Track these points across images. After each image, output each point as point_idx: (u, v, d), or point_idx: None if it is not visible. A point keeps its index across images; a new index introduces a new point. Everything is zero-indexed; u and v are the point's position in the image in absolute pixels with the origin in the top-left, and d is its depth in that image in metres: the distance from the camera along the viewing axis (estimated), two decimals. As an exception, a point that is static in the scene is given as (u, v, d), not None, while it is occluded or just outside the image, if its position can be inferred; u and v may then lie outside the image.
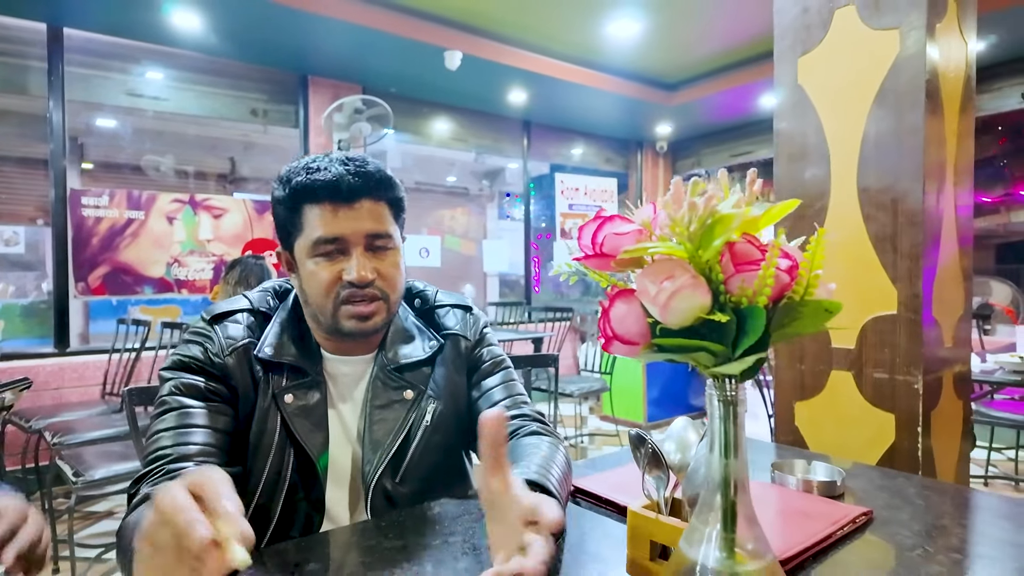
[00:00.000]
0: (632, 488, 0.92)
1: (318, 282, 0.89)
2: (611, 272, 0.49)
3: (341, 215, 0.87)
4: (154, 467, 0.78)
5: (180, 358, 0.89)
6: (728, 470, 0.48)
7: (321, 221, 0.88)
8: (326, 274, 0.88)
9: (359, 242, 0.89)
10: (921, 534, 0.81)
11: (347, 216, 0.88)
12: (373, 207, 0.90)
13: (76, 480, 2.11)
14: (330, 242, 0.88)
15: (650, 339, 0.45)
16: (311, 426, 0.90)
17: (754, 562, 0.47)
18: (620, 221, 0.47)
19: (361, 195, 0.88)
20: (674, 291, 0.42)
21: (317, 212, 0.88)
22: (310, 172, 0.88)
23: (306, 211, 0.89)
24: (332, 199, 0.87)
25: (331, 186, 0.86)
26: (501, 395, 1.00)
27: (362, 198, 0.88)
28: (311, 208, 0.88)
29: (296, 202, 0.89)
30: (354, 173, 0.87)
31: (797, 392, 1.52)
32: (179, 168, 6.96)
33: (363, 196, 0.88)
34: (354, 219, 0.88)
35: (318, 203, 0.88)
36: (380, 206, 0.91)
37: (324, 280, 0.88)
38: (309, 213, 0.88)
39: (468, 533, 0.81)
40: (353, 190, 0.87)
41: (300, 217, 0.89)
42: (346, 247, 0.89)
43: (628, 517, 0.62)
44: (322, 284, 0.88)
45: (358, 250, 0.88)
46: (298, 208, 0.89)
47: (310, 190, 0.87)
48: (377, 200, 0.90)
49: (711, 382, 0.49)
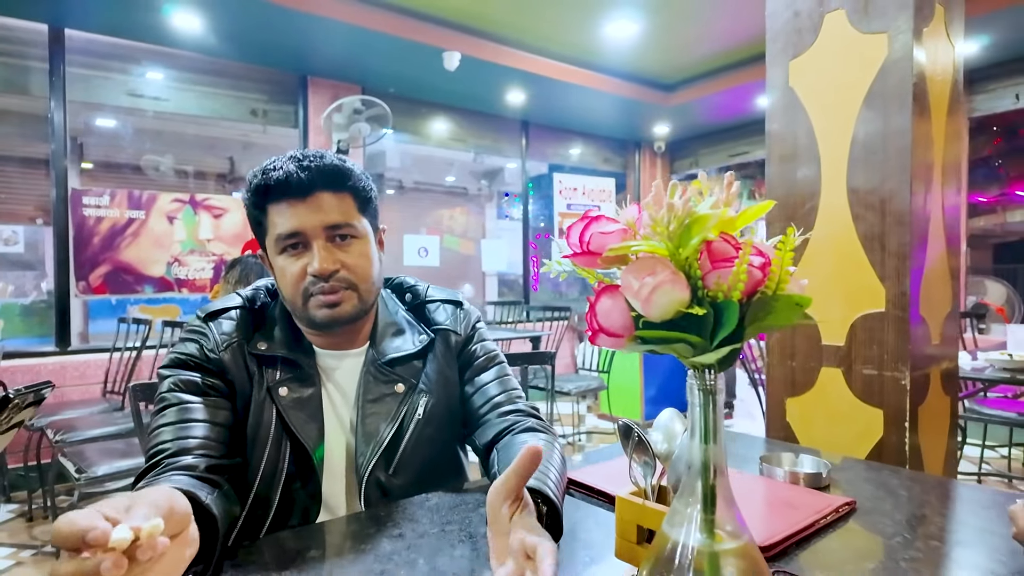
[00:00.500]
0: (622, 479, 0.95)
1: (287, 277, 0.92)
2: (598, 269, 0.52)
3: (298, 210, 0.90)
4: (155, 461, 0.80)
5: (177, 356, 0.92)
6: (708, 455, 0.51)
7: (280, 218, 0.91)
8: (293, 268, 0.92)
9: (319, 235, 0.91)
10: (902, 523, 0.84)
11: (304, 210, 0.90)
12: (331, 199, 0.92)
13: (79, 477, 2.14)
14: (290, 236, 0.91)
15: (633, 332, 0.48)
16: (306, 418, 0.93)
17: (732, 541, 0.50)
18: (606, 221, 0.49)
19: (314, 188, 0.91)
20: (655, 286, 0.45)
21: (276, 209, 0.92)
22: (265, 172, 0.91)
23: (269, 210, 0.92)
24: (287, 196, 0.90)
25: (282, 184, 0.90)
26: (496, 390, 1.03)
27: (316, 191, 0.91)
28: (272, 207, 0.92)
29: (258, 203, 0.93)
30: (304, 168, 0.90)
31: (788, 389, 1.55)
32: (178, 168, 6.98)
33: (317, 189, 0.91)
34: (311, 212, 0.91)
35: (275, 201, 0.91)
36: (340, 197, 0.93)
37: (292, 275, 0.92)
38: (272, 212, 0.92)
39: (464, 522, 0.84)
40: (303, 185, 0.90)
41: (265, 217, 0.93)
42: (307, 240, 0.91)
43: (616, 504, 0.65)
44: (290, 279, 0.92)
45: (319, 242, 0.91)
46: (262, 208, 0.93)
47: (264, 189, 0.91)
48: (336, 192, 0.93)
49: (691, 372, 0.51)
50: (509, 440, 0.94)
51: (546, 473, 0.80)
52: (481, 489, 0.98)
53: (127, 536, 0.45)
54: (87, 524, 0.46)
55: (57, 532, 0.47)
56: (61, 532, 0.47)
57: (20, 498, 3.19)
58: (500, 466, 0.87)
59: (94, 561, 0.45)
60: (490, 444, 0.97)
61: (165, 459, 0.81)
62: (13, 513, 3.03)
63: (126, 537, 0.45)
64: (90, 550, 0.46)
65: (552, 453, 0.88)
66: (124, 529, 0.45)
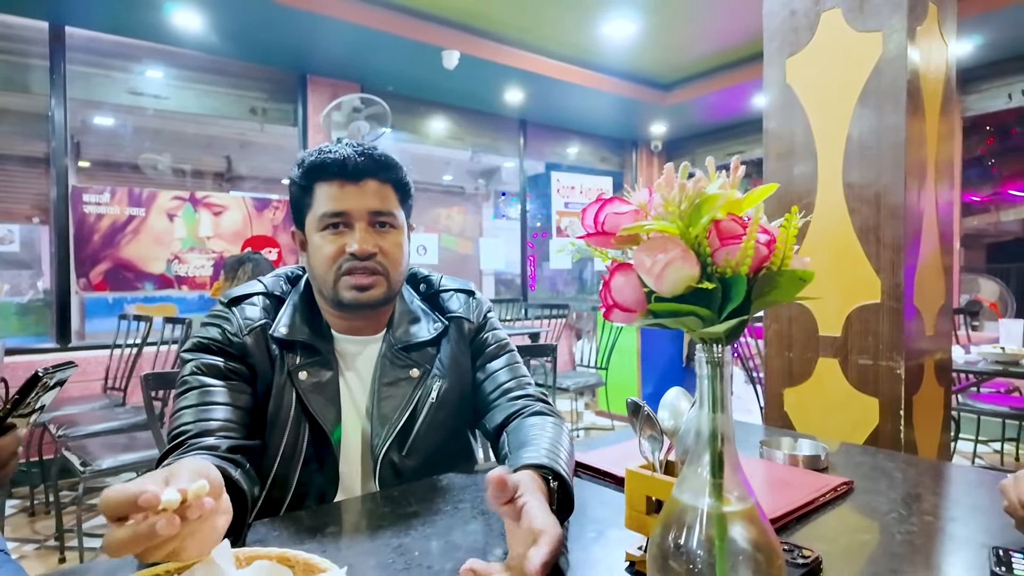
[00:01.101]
0: (626, 460, 0.98)
1: (323, 254, 0.96)
2: (611, 249, 0.55)
3: (347, 192, 0.95)
4: (179, 441, 0.83)
5: (200, 340, 0.94)
6: (716, 423, 0.54)
7: (329, 197, 0.96)
8: (331, 247, 0.96)
9: (363, 218, 0.96)
10: (897, 501, 0.87)
11: (353, 193, 0.96)
12: (378, 187, 0.97)
13: (84, 470, 2.16)
14: (336, 215, 0.95)
15: (646, 307, 0.51)
16: (324, 401, 0.96)
17: (739, 504, 0.53)
18: (619, 202, 0.52)
19: (366, 175, 0.96)
20: (667, 262, 0.48)
21: (326, 189, 0.96)
22: (322, 152, 0.96)
23: (316, 189, 0.97)
24: (340, 176, 0.95)
25: (339, 164, 0.95)
26: (506, 376, 1.06)
27: (367, 178, 0.96)
28: (321, 186, 0.96)
29: (308, 180, 0.97)
30: (361, 154, 0.96)
31: (786, 379, 1.59)
32: (176, 167, 6.98)
33: (368, 176, 0.96)
34: (359, 196, 0.96)
35: (327, 180, 0.96)
36: (385, 188, 0.98)
37: (329, 252, 0.95)
38: (319, 190, 0.97)
39: (476, 501, 0.87)
40: (359, 170, 0.95)
41: (311, 195, 0.97)
42: (350, 222, 0.96)
43: (626, 476, 0.68)
44: (327, 256, 0.96)
45: (361, 225, 0.96)
46: (310, 186, 0.97)
47: (321, 167, 0.96)
48: (382, 181, 0.98)
49: (700, 346, 0.55)
50: (518, 423, 0.97)
51: (556, 452, 0.83)
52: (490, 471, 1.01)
53: (176, 497, 0.48)
54: (137, 489, 0.49)
55: (107, 500, 0.50)
56: (111, 499, 0.49)
57: (22, 493, 3.20)
58: (510, 447, 0.90)
59: (148, 523, 0.48)
60: (500, 427, 1.00)
61: (188, 440, 0.84)
62: (15, 508, 3.05)
63: (175, 499, 0.48)
64: (140, 513, 0.49)
65: (561, 436, 0.91)
66: (172, 491, 0.48)
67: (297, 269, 1.10)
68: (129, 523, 0.49)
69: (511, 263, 6.29)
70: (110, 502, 0.49)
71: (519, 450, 0.85)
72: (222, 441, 0.84)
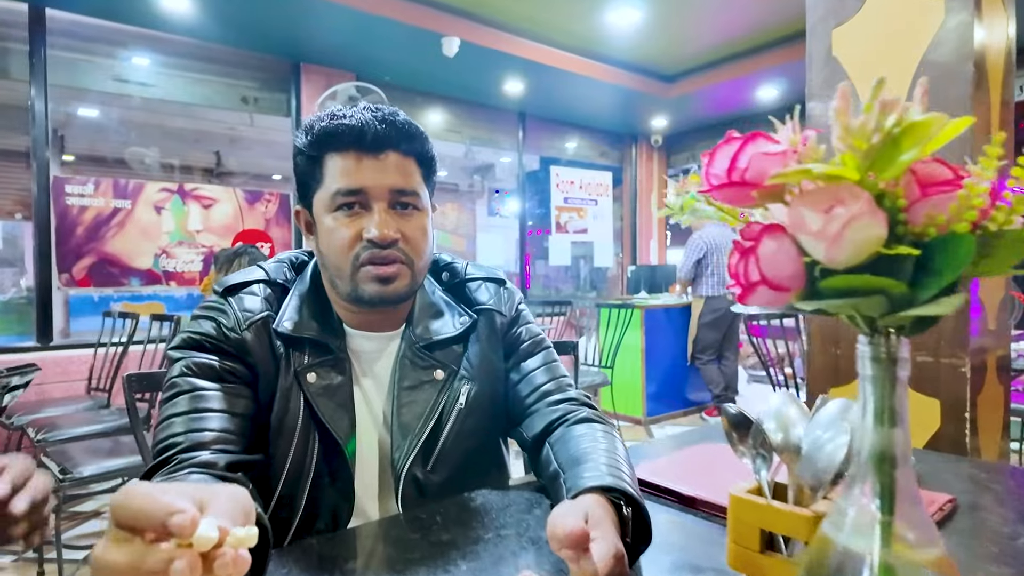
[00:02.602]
0: (690, 475, 0.85)
1: (336, 240, 0.81)
2: (744, 207, 0.42)
3: (365, 165, 0.80)
4: (165, 456, 0.69)
5: (191, 335, 0.80)
6: (887, 441, 0.41)
7: (343, 171, 0.80)
8: (345, 231, 0.80)
9: (383, 197, 0.81)
10: (1011, 520, 0.74)
11: (371, 167, 0.80)
12: (401, 161, 0.82)
13: (63, 478, 2.00)
14: (351, 194, 0.80)
15: (803, 284, 0.38)
16: (336, 407, 0.82)
17: (920, 550, 0.39)
18: (766, 140, 0.39)
19: (387, 146, 0.81)
20: (849, 220, 0.34)
21: (339, 161, 0.80)
22: (335, 117, 0.80)
23: (327, 161, 0.81)
24: (356, 147, 0.80)
25: (356, 132, 0.79)
26: (544, 377, 0.92)
27: (388, 149, 0.81)
28: (333, 157, 0.81)
29: (318, 150, 0.81)
30: (382, 120, 0.80)
31: (831, 378, 1.46)
32: (164, 161, 6.80)
33: (390, 147, 0.81)
34: (379, 171, 0.80)
35: (340, 151, 0.80)
36: (408, 162, 0.83)
37: (343, 238, 0.80)
38: (330, 163, 0.81)
39: (522, 526, 0.73)
40: (379, 139, 0.80)
41: (321, 168, 0.82)
42: (368, 201, 0.81)
43: (731, 504, 0.54)
44: (340, 242, 0.80)
45: (381, 206, 0.80)
46: (319, 157, 0.82)
47: (333, 136, 0.80)
48: (406, 155, 0.83)
49: (864, 339, 0.41)
50: (563, 433, 0.83)
51: (619, 468, 0.69)
52: (529, 487, 0.87)
53: (213, 536, 0.35)
54: (168, 504, 0.35)
55: (127, 503, 0.36)
56: (134, 504, 0.35)
57: (-1, 501, 3.03)
58: (560, 462, 0.77)
59: (163, 555, 0.34)
60: (540, 437, 0.86)
61: (177, 454, 0.70)
62: (-8, 517, 2.87)
63: (212, 536, 0.35)
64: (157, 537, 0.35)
65: (617, 445, 0.78)
66: (212, 525, 0.35)
67: (302, 254, 0.95)
68: (137, 543, 0.35)
69: (508, 260, 6.16)
70: (131, 507, 0.36)
71: (574, 467, 0.71)
72: (219, 456, 0.70)
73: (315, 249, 0.87)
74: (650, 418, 4.48)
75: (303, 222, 0.89)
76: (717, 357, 4.51)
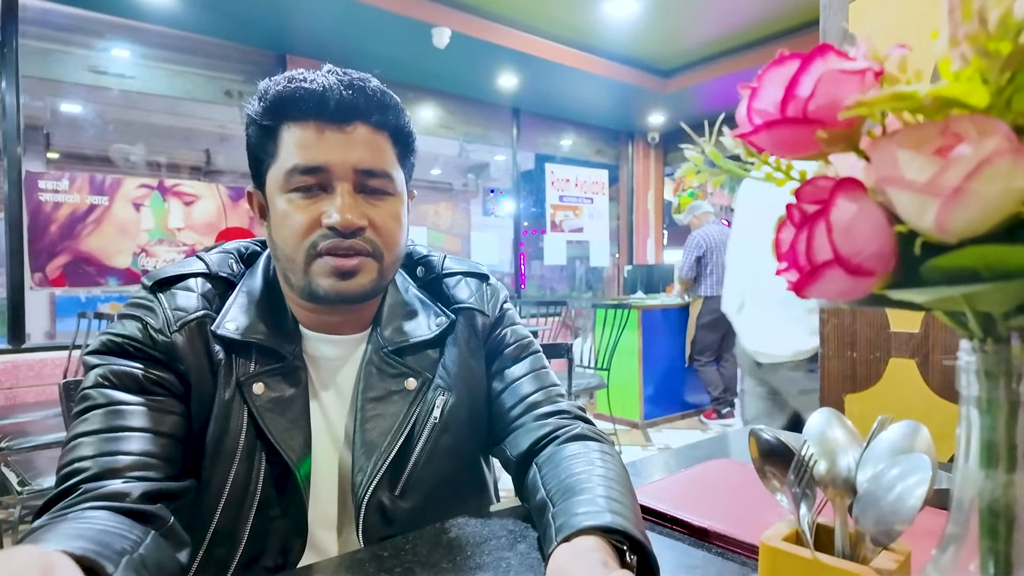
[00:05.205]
0: (703, 502, 0.73)
1: (289, 226, 0.68)
2: (798, 158, 0.30)
3: (327, 139, 0.67)
4: (69, 485, 0.57)
5: (111, 338, 0.67)
6: (1000, 491, 0.29)
7: (300, 144, 0.67)
8: (301, 215, 0.68)
9: (347, 177, 0.68)
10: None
11: (335, 141, 0.67)
12: (371, 135, 0.69)
13: (21, 490, 1.87)
14: (310, 172, 0.67)
15: (894, 263, 0.26)
16: (287, 424, 0.69)
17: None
18: (837, 56, 0.27)
19: (355, 116, 0.68)
20: (981, 162, 0.22)
21: (297, 133, 0.68)
22: (293, 81, 0.67)
23: (283, 132, 0.68)
24: (317, 116, 0.67)
25: (316, 98, 0.66)
26: (531, 387, 0.80)
27: (356, 120, 0.68)
28: (290, 128, 0.68)
29: (272, 119, 0.68)
30: (348, 86, 0.67)
31: (847, 384, 1.35)
32: (151, 159, 6.65)
33: (358, 118, 0.68)
34: (344, 145, 0.68)
35: (299, 121, 0.67)
36: (380, 137, 0.71)
37: (299, 223, 0.68)
38: (287, 134, 0.68)
39: (501, 564, 0.61)
40: (345, 107, 0.67)
41: (275, 140, 0.69)
42: (329, 181, 0.68)
43: (763, 556, 0.42)
44: (295, 228, 0.68)
45: (345, 187, 0.68)
46: (274, 128, 0.69)
47: (290, 102, 0.67)
48: (377, 128, 0.70)
49: (968, 346, 0.29)
50: (553, 452, 0.71)
51: (620, 502, 0.57)
52: (513, 513, 0.75)
53: None
54: None
55: None
56: None
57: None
58: (548, 490, 0.64)
59: None
60: (526, 456, 0.74)
61: (82, 483, 0.57)
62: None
63: None
64: None
65: (614, 469, 0.66)
66: None
67: (254, 244, 0.83)
68: None
69: (503, 260, 6.05)
70: None
71: (567, 498, 0.59)
72: (133, 486, 0.58)
73: (267, 236, 0.75)
74: (647, 421, 4.36)
75: (255, 205, 0.76)
76: (716, 359, 4.40)
